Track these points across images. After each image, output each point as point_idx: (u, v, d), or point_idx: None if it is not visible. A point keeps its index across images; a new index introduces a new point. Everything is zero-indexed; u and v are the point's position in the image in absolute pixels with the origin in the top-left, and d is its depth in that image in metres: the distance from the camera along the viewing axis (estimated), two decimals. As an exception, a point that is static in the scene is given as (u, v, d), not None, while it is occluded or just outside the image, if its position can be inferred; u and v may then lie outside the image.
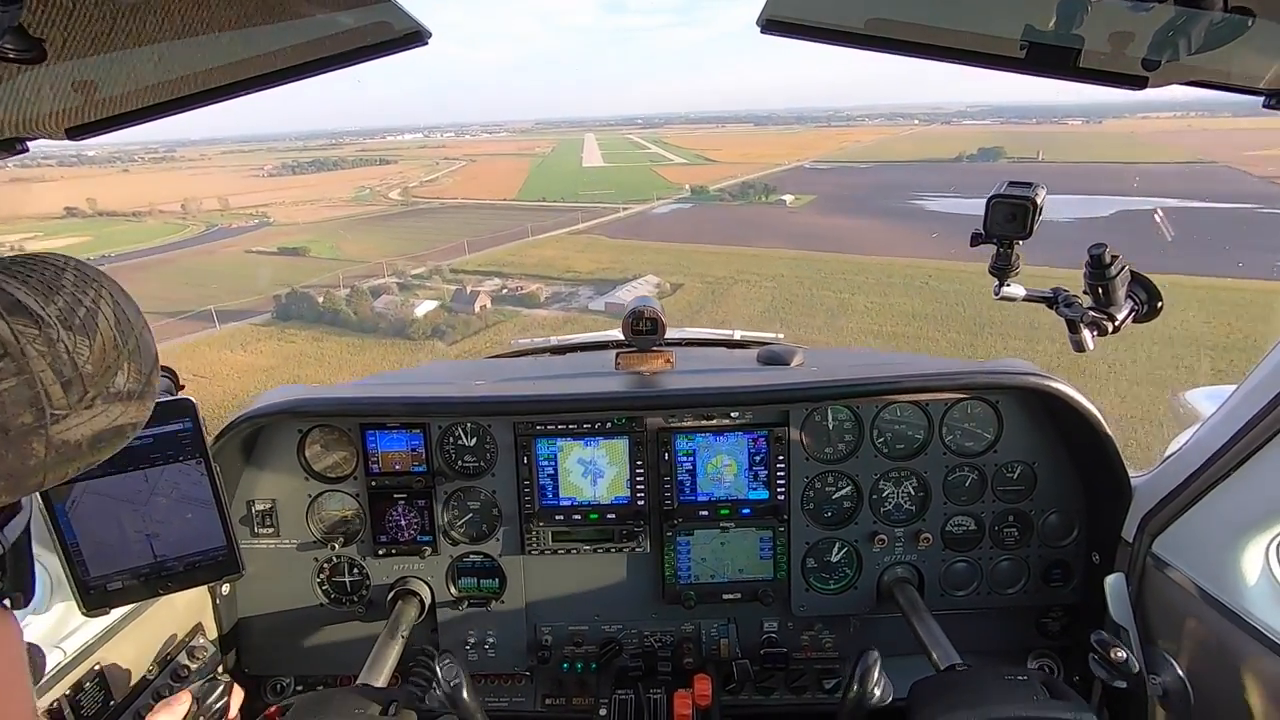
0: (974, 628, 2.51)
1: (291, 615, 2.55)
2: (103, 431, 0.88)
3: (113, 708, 1.94)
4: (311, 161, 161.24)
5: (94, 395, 0.86)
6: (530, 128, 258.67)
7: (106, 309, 0.89)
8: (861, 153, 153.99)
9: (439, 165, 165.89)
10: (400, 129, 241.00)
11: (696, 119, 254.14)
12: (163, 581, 1.70)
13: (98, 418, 0.87)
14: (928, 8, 1.32)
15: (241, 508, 2.46)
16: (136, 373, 0.92)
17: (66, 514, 1.58)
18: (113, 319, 0.90)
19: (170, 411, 1.65)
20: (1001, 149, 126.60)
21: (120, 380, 0.89)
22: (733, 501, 2.49)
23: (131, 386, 0.91)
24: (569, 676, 2.60)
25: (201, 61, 1.34)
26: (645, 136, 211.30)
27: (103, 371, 0.87)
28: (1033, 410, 2.42)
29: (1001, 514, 2.49)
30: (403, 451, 2.46)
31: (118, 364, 0.89)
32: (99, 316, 0.88)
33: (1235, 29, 1.02)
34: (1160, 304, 1.77)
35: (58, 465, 0.84)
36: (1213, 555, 1.97)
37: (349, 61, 1.40)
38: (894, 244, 67.63)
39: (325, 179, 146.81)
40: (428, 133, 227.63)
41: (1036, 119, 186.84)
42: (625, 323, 2.53)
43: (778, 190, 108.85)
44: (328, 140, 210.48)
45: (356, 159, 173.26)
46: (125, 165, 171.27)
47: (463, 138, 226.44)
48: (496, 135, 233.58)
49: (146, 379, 0.94)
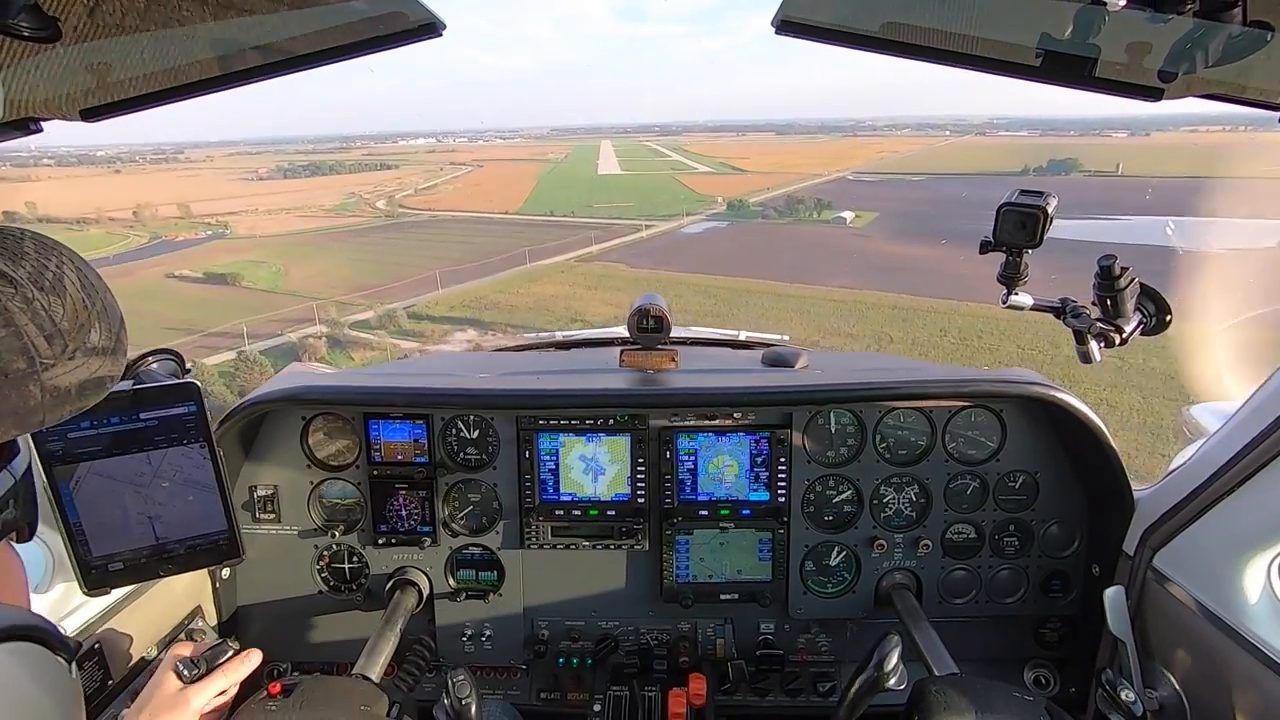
0: (971, 636, 2.50)
1: (290, 601, 2.56)
2: (87, 381, 0.95)
3: (110, 687, 1.96)
4: (307, 165, 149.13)
5: (74, 348, 0.92)
6: (546, 134, 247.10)
7: (70, 273, 0.95)
8: (904, 164, 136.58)
9: (443, 171, 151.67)
10: (413, 133, 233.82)
11: (716, 127, 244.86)
12: (164, 564, 1.71)
13: (80, 369, 0.94)
14: (943, 13, 1.32)
15: (243, 493, 2.47)
16: (107, 330, 0.99)
17: (70, 494, 1.60)
18: (78, 281, 0.96)
19: (175, 395, 1.66)
20: (1076, 160, 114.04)
21: (94, 337, 0.96)
22: (733, 502, 2.49)
23: (104, 343, 0.98)
24: (565, 671, 2.61)
25: (216, 46, 1.34)
26: (664, 144, 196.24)
27: (77, 328, 0.93)
28: (1036, 420, 2.41)
29: (1002, 523, 2.48)
30: (405, 442, 2.47)
31: (89, 322, 0.95)
32: (65, 279, 0.94)
33: (1254, 42, 1.01)
34: (1169, 317, 1.76)
35: (54, 407, 0.91)
36: (1214, 571, 1.96)
37: (363, 51, 1.40)
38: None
39: (316, 184, 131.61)
40: (440, 137, 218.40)
41: (1076, 131, 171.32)
42: (630, 320, 2.53)
43: (832, 206, 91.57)
44: (339, 143, 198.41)
45: (356, 164, 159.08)
46: (118, 166, 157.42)
47: (475, 143, 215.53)
48: (511, 140, 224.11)
49: (116, 336, 1.01)
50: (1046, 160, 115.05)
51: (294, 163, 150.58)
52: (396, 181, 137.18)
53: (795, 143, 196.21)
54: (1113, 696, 1.81)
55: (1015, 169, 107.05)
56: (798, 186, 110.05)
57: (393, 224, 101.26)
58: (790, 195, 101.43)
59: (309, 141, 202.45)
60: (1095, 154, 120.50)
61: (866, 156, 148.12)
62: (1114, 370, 32.82)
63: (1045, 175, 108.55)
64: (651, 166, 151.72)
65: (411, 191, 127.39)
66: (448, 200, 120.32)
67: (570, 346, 3.35)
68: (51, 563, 1.89)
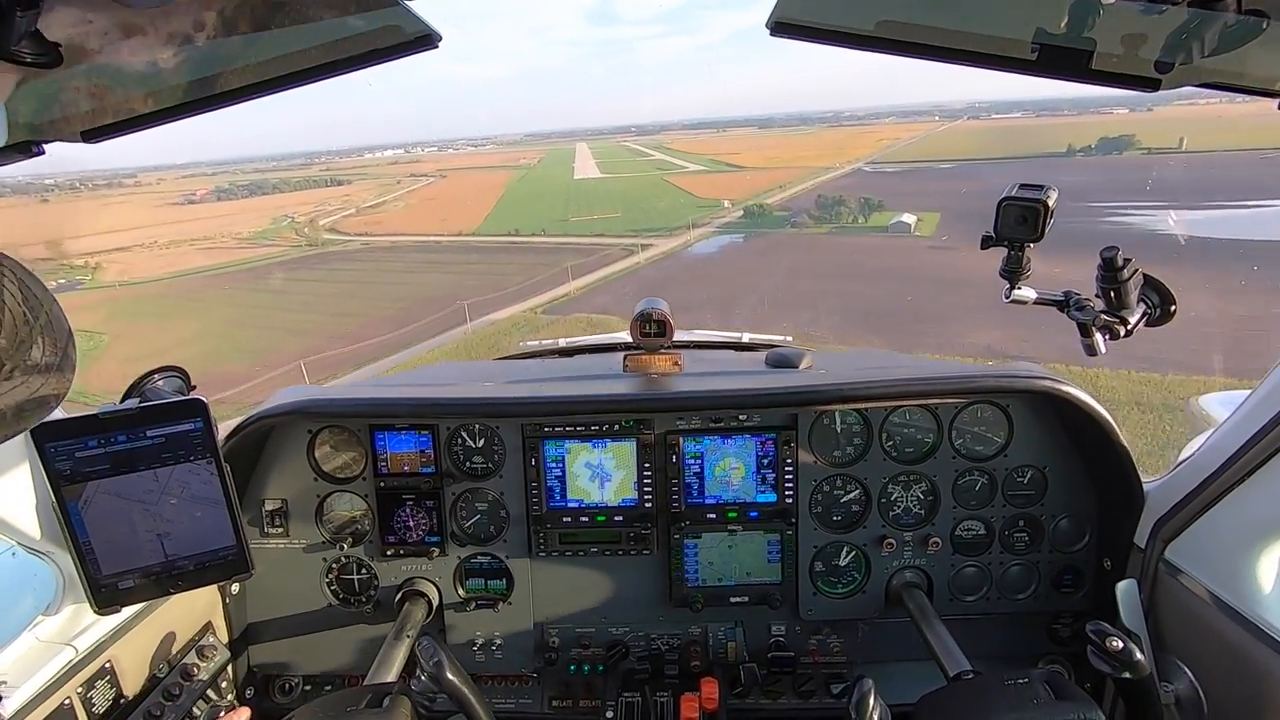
0: (984, 633, 2.49)
1: (300, 615, 2.56)
2: (25, 402, 0.91)
3: (123, 705, 1.96)
4: (249, 185, 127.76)
5: (11, 368, 0.88)
6: (519, 139, 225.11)
7: (11, 286, 0.91)
8: (921, 151, 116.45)
9: (400, 184, 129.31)
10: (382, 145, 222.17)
11: (694, 125, 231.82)
12: (173, 580, 1.72)
13: (18, 389, 0.90)
14: (939, 9, 1.32)
15: (251, 508, 2.48)
16: (51, 345, 0.94)
17: (79, 513, 1.60)
18: (19, 296, 0.91)
19: (181, 411, 1.66)
20: (1132, 137, 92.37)
21: (36, 353, 0.92)
22: (741, 504, 2.48)
23: (48, 359, 0.93)
24: (576, 679, 2.60)
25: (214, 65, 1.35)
26: (644, 144, 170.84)
27: (16, 345, 0.89)
28: (1043, 414, 2.40)
29: (1012, 519, 2.47)
30: (411, 452, 2.47)
31: (30, 338, 0.91)
32: (4, 294, 0.90)
33: (1249, 31, 1.01)
34: (1174, 308, 1.76)
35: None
36: (1226, 562, 1.95)
37: (360, 65, 1.41)
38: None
39: (250, 206, 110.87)
40: (408, 149, 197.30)
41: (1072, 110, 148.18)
42: (633, 324, 2.53)
43: (883, 206, 68.08)
44: (302, 160, 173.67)
45: (304, 180, 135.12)
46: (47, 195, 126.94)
47: (445, 152, 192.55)
48: (483, 148, 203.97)
49: (63, 351, 0.96)
50: (1097, 139, 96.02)
51: (236, 183, 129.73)
52: (345, 199, 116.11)
53: (781, 135, 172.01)
54: (1100, 647, 1.77)
55: (1057, 149, 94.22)
56: (814, 183, 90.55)
57: (314, 254, 79.15)
58: (818, 194, 77.28)
59: (272, 159, 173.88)
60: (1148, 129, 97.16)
61: (869, 145, 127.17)
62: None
63: (1095, 155, 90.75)
64: (635, 168, 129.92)
65: (353, 211, 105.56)
66: (392, 221, 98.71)
67: (574, 353, 3.35)
68: (62, 582, 1.89)
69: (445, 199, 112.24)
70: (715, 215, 79.09)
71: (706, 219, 77.35)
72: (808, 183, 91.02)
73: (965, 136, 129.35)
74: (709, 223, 76.10)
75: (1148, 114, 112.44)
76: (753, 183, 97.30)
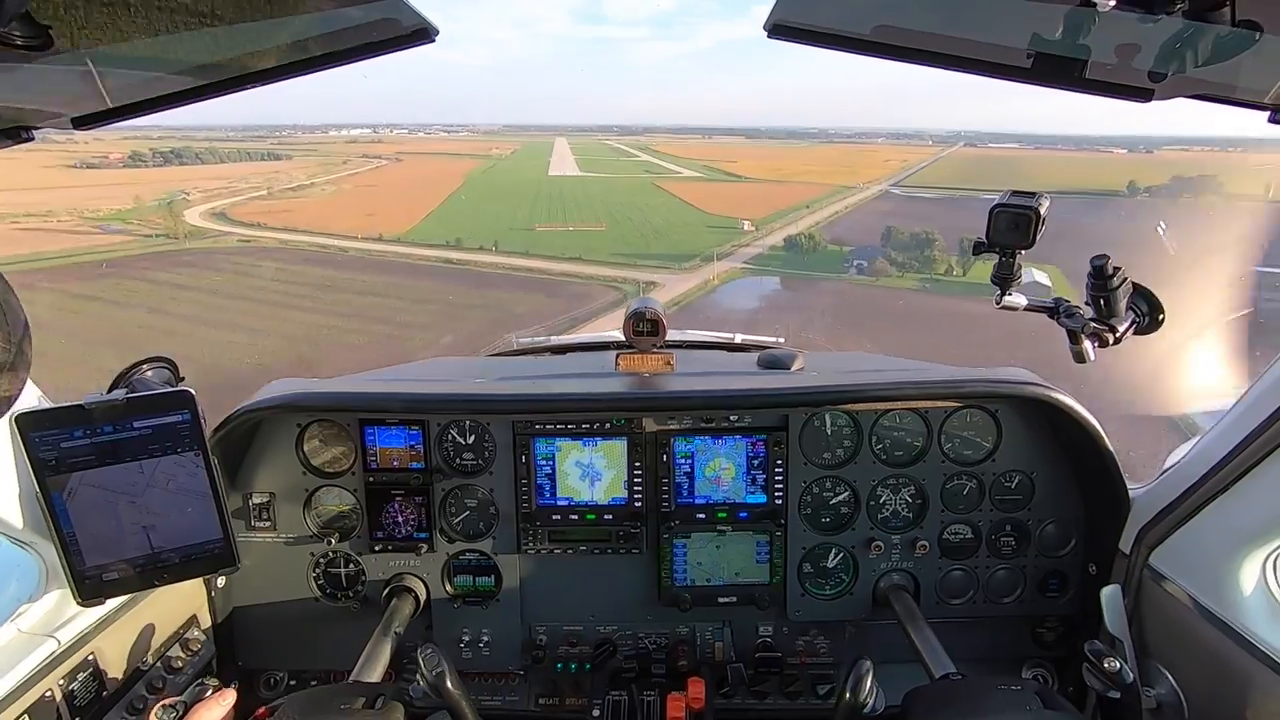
0: (969, 636, 2.50)
1: (286, 609, 2.55)
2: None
3: (105, 698, 1.94)
4: (171, 151, 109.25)
5: None
6: (496, 130, 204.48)
7: None
8: (939, 175, 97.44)
9: (346, 164, 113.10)
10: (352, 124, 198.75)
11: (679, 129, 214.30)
12: (158, 572, 1.70)
13: None
14: (935, 16, 1.32)
15: (238, 501, 2.46)
16: (4, 341, 0.91)
17: (63, 503, 1.59)
18: None
19: (169, 403, 1.65)
20: (1215, 178, 65.29)
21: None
22: (730, 505, 2.48)
23: (2, 358, 0.91)
24: (563, 676, 2.60)
25: (208, 54, 1.34)
26: (629, 143, 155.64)
27: None
28: (1032, 420, 2.42)
29: (999, 523, 2.49)
30: (401, 448, 2.46)
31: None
32: None
33: (1242, 43, 1.02)
34: (1162, 317, 1.77)
35: None
36: (1210, 569, 1.97)
37: (356, 57, 1.40)
38: None
39: (146, 176, 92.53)
40: (376, 129, 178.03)
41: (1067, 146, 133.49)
42: (626, 323, 2.53)
43: None
44: (264, 132, 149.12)
45: (235, 153, 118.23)
46: None
47: (415, 135, 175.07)
48: (457, 134, 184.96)
49: (18, 347, 0.93)
50: (1170, 177, 76.03)
51: (157, 149, 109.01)
52: (273, 175, 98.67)
53: (774, 147, 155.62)
54: (1097, 666, 1.79)
55: (1117, 187, 74.22)
56: (846, 204, 73.49)
57: (155, 254, 57.52)
58: (893, 230, 57.10)
59: (232, 129, 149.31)
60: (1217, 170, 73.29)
61: (878, 166, 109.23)
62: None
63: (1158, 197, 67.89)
64: (619, 169, 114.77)
65: (264, 194, 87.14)
66: (307, 210, 76.82)
67: (566, 351, 3.35)
68: (45, 573, 1.87)
69: (386, 187, 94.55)
70: (730, 242, 59.05)
71: (725, 246, 57.60)
72: (838, 203, 72.94)
73: (978, 165, 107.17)
74: (731, 252, 56.71)
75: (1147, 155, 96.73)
76: (764, 197, 78.69)
